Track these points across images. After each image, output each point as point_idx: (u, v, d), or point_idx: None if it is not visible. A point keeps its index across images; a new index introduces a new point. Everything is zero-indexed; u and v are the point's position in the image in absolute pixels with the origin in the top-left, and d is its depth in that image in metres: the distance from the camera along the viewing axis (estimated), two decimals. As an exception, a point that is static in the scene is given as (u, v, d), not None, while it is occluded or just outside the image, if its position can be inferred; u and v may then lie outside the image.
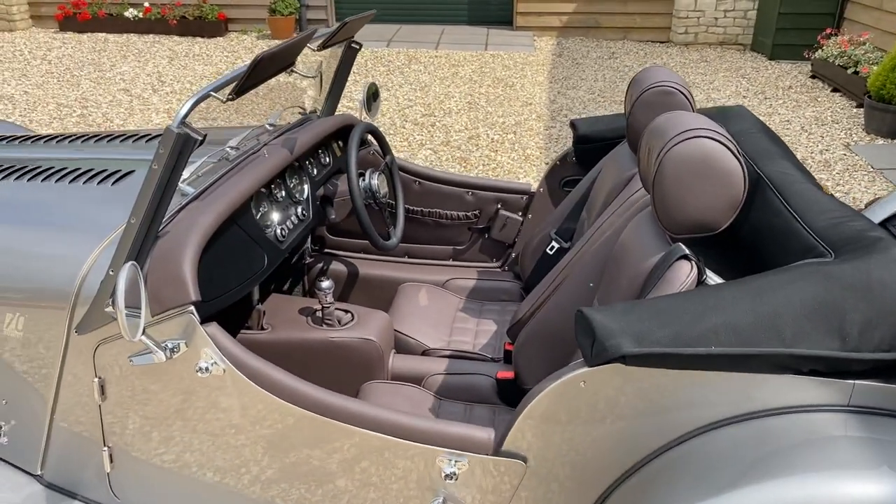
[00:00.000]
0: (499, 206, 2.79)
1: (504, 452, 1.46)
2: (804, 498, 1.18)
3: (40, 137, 2.40)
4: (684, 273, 1.43)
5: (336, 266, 2.75)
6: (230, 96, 1.56)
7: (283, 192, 2.18)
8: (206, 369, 1.51)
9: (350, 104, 6.71)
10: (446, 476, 1.48)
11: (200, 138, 1.45)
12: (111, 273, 1.51)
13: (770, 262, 1.57)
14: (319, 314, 2.19)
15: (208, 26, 9.49)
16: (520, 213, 2.80)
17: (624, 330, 1.27)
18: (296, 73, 1.99)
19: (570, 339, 1.95)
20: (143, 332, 1.46)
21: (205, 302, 1.64)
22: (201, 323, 1.54)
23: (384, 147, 2.62)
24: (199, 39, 9.42)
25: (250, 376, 1.52)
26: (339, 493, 1.59)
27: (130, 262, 1.41)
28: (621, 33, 9.65)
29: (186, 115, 1.44)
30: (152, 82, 7.46)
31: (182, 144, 1.44)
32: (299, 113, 2.52)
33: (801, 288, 1.27)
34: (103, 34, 9.65)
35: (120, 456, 1.69)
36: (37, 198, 1.87)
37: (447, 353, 2.29)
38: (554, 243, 2.51)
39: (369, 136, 2.68)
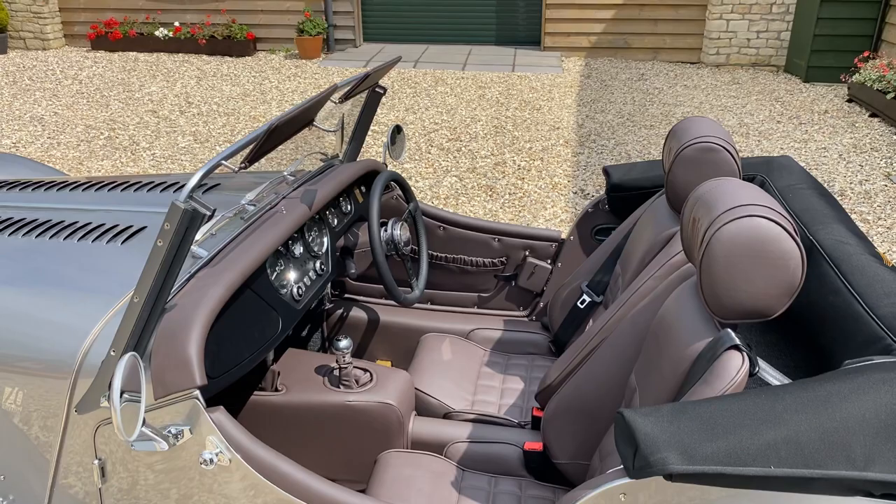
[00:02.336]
0: (526, 252, 2.67)
1: None
2: None
3: (53, 184, 2.34)
4: (734, 366, 1.30)
5: (356, 313, 2.65)
6: (242, 164, 1.46)
7: (301, 248, 2.09)
8: (211, 461, 1.41)
9: (379, 134, 6.64)
10: None
11: (209, 213, 1.36)
12: (112, 354, 1.43)
13: (828, 348, 1.44)
14: (336, 374, 2.09)
15: (237, 46, 9.53)
16: (549, 261, 2.68)
17: (670, 442, 1.14)
18: (316, 127, 1.90)
19: (602, 413, 1.82)
20: (144, 424, 1.37)
21: (214, 378, 1.55)
22: (209, 404, 1.44)
23: (408, 194, 2.52)
24: (227, 59, 9.47)
25: (258, 469, 1.42)
26: None
27: (129, 354, 1.32)
28: (651, 54, 9.50)
29: (194, 189, 1.35)
30: (180, 103, 7.47)
31: (189, 221, 1.35)
32: (320, 160, 2.43)
33: (872, 400, 1.13)
34: (134, 53, 9.75)
35: None
36: (44, 257, 1.79)
37: (471, 416, 2.17)
38: (585, 297, 2.39)
39: (394, 183, 2.58)
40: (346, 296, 2.79)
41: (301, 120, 1.64)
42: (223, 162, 1.44)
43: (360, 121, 2.50)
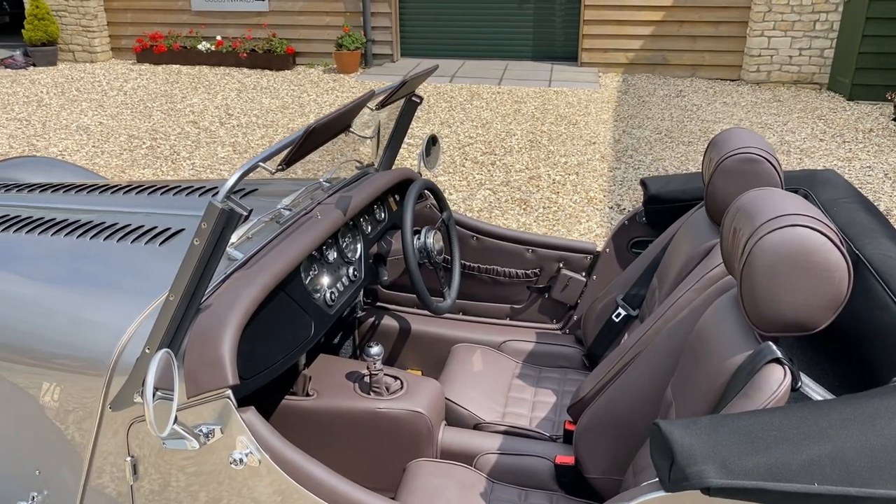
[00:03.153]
0: (561, 264, 2.64)
1: None
2: None
3: (96, 187, 2.38)
4: (775, 380, 1.25)
5: (388, 321, 2.65)
6: (280, 167, 1.47)
7: (335, 253, 2.09)
8: (241, 461, 1.41)
9: (413, 144, 6.68)
10: None
11: (246, 213, 1.37)
12: (146, 351, 1.44)
13: (874, 364, 1.39)
14: (367, 380, 2.08)
15: (276, 60, 9.69)
16: (583, 274, 2.64)
17: (708, 455, 1.10)
18: (353, 133, 1.91)
19: (637, 427, 1.78)
20: (176, 421, 1.37)
21: (246, 379, 1.55)
22: (240, 405, 1.44)
23: (441, 202, 2.51)
24: (267, 72, 9.63)
25: (288, 470, 1.41)
26: None
27: (164, 350, 1.33)
28: (690, 70, 9.41)
29: (232, 189, 1.36)
30: (220, 115, 7.61)
31: (226, 220, 1.36)
32: (356, 168, 2.44)
33: None
34: (177, 66, 9.97)
35: None
36: (84, 257, 1.82)
37: (501, 428, 2.15)
38: (620, 310, 2.35)
39: (427, 192, 2.58)
40: (379, 304, 2.79)
41: (338, 125, 1.65)
42: (261, 164, 1.45)
43: (395, 129, 2.51)
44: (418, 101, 2.43)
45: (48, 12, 9.85)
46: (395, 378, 2.13)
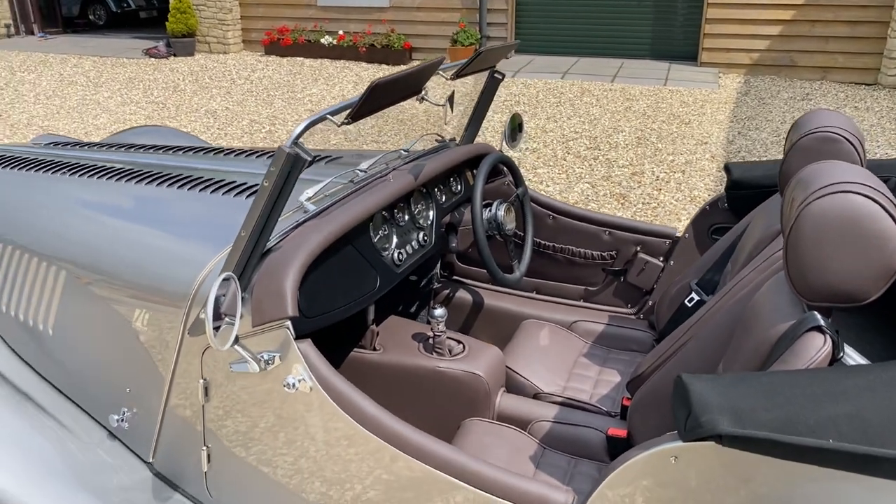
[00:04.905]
0: (638, 248, 2.61)
1: None
2: None
3: (200, 149, 2.61)
4: (815, 347, 1.22)
5: (462, 294, 2.72)
6: (345, 121, 1.58)
7: (407, 217, 2.19)
8: (294, 385, 1.53)
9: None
10: None
11: (310, 159, 1.48)
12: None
13: None
14: (431, 342, 2.16)
15: (393, 54, 9.99)
16: (661, 259, 2.60)
17: (724, 406, 1.10)
18: (426, 101, 1.99)
19: None
20: (237, 342, 1.51)
21: (307, 318, 1.67)
22: (299, 338, 1.56)
23: (517, 178, 2.55)
24: (384, 66, 9.95)
25: (335, 398, 1.51)
26: None
27: (225, 274, 1.46)
28: (819, 73, 8.88)
29: (299, 136, 1.48)
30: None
31: (292, 164, 1.47)
32: (436, 141, 2.53)
33: None
34: (301, 59, 10.49)
35: (217, 457, 1.75)
36: (178, 202, 2.01)
37: (559, 399, 2.16)
38: (694, 295, 2.30)
39: (504, 168, 2.63)
40: (455, 278, 2.86)
41: (404, 85, 1.74)
42: (329, 116, 1.56)
43: (477, 105, 2.57)
44: (500, 77, 2.48)
45: (189, 6, 10.64)
46: (459, 342, 2.19)
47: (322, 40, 10.35)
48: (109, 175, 2.25)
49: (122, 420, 1.88)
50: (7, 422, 1.87)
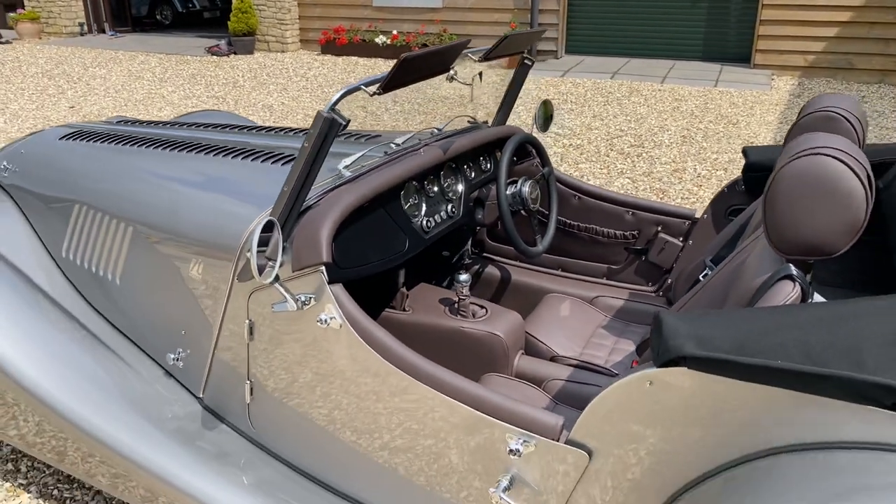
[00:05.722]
0: (659, 228, 2.74)
1: (569, 441, 1.49)
2: None
3: (254, 128, 2.85)
4: (785, 293, 1.35)
5: (490, 269, 2.89)
6: (377, 91, 1.77)
7: (436, 188, 2.37)
8: (326, 321, 1.73)
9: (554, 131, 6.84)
10: (511, 452, 1.54)
11: (344, 122, 1.68)
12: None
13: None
14: (456, 306, 2.34)
15: (445, 53, 10.21)
16: (680, 239, 2.72)
17: (690, 333, 1.24)
18: (455, 80, 2.17)
19: None
20: (277, 280, 1.72)
21: (341, 268, 1.87)
22: (332, 283, 1.76)
23: (543, 158, 2.71)
24: (435, 65, 10.18)
25: (361, 334, 1.71)
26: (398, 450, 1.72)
27: (268, 217, 1.67)
28: (878, 76, 8.73)
29: (336, 103, 1.67)
30: (385, 101, 8.21)
31: (329, 127, 1.67)
32: (468, 121, 2.71)
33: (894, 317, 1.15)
34: (355, 58, 10.82)
35: (258, 390, 1.97)
36: (227, 170, 2.24)
37: (574, 362, 2.31)
38: (708, 270, 2.42)
39: (532, 148, 2.78)
40: (485, 254, 3.03)
41: (433, 62, 1.92)
42: (363, 87, 1.76)
43: (508, 90, 2.74)
44: (530, 63, 2.65)
45: (250, 6, 11.08)
46: (482, 307, 2.37)
47: (376, 40, 10.64)
48: (173, 147, 2.50)
49: (178, 359, 2.12)
50: (78, 358, 2.12)
